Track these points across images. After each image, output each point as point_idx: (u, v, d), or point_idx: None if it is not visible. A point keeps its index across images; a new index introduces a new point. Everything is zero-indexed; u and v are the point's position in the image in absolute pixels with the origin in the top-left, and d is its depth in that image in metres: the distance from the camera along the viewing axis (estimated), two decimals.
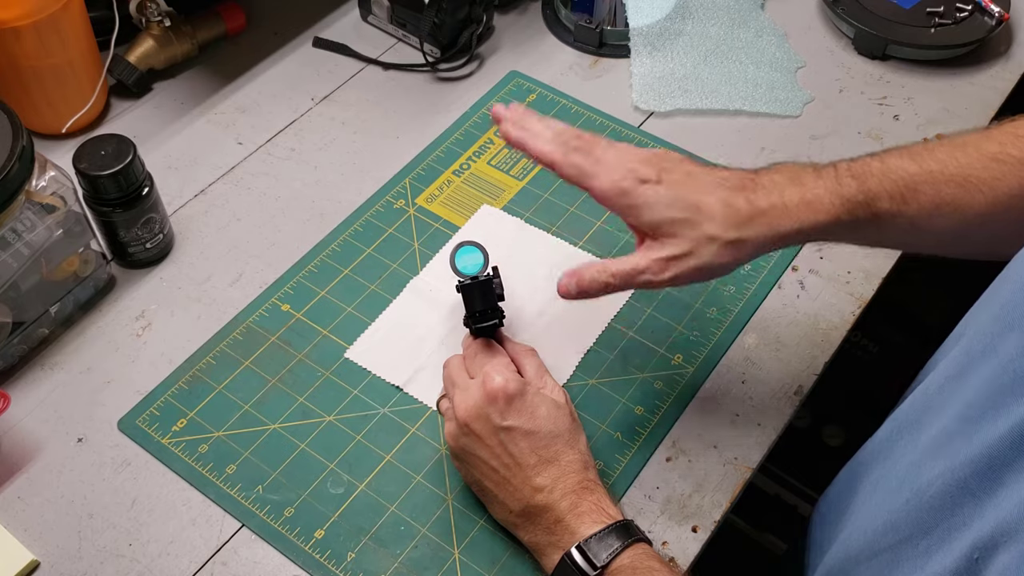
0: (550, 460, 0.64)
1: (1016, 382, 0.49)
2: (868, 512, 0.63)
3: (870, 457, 0.67)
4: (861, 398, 1.30)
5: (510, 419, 0.64)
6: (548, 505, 0.64)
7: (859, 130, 0.96)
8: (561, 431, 0.65)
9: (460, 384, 0.68)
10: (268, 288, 0.83)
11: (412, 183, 0.91)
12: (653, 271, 0.63)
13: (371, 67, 1.02)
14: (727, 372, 0.78)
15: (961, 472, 0.51)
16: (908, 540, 0.56)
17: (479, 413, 0.65)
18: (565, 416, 0.66)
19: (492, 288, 0.71)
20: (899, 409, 0.65)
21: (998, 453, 0.49)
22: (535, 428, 0.65)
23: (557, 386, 0.69)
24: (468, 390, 0.66)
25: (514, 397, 0.64)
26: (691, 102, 0.97)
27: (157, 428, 0.74)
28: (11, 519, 0.70)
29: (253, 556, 0.69)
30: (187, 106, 0.98)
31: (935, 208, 0.64)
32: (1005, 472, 0.48)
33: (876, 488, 0.64)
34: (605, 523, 0.62)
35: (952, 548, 0.51)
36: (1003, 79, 1.00)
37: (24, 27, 0.83)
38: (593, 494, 0.64)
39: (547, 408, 0.66)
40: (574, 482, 0.64)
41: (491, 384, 0.64)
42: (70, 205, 0.76)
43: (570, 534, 0.63)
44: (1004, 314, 0.53)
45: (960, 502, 0.51)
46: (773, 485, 1.31)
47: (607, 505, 0.64)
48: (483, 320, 0.70)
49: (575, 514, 0.63)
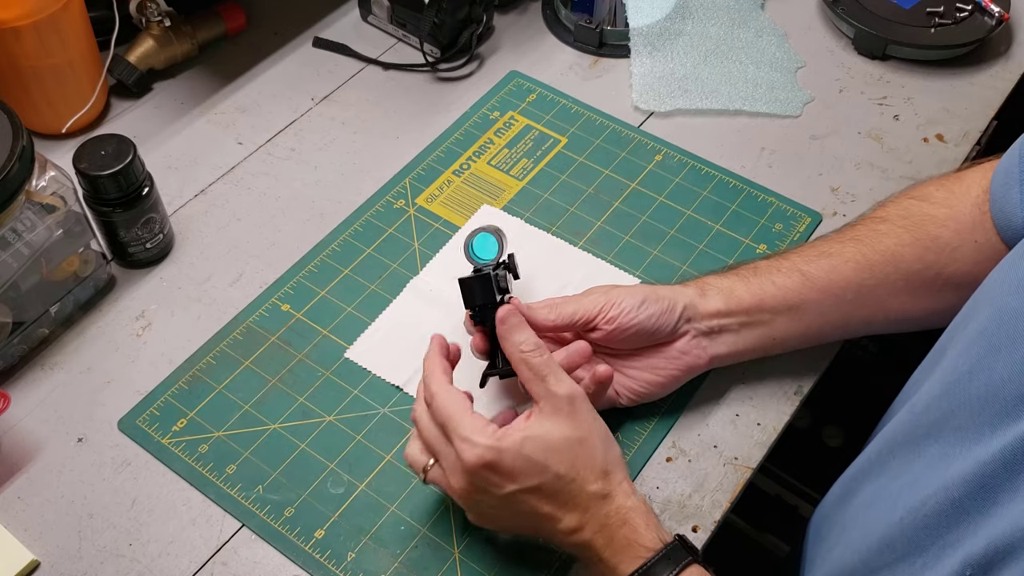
0: (567, 502, 0.61)
1: (1006, 404, 0.50)
2: (862, 529, 0.63)
3: (862, 474, 0.68)
4: (861, 398, 1.30)
5: (508, 486, 0.60)
6: (585, 544, 0.61)
7: (859, 130, 0.96)
8: (565, 469, 0.61)
9: (444, 457, 0.62)
10: (268, 288, 0.83)
11: (412, 183, 0.91)
12: (597, 305, 0.69)
13: (371, 67, 1.02)
14: (727, 372, 0.78)
15: (955, 492, 0.52)
16: (904, 559, 0.56)
17: (475, 487, 0.61)
18: (565, 446, 0.61)
19: (491, 281, 0.68)
20: (888, 427, 0.65)
21: (991, 473, 0.49)
22: (537, 483, 0.60)
23: (563, 389, 0.62)
24: (453, 466, 0.62)
25: (496, 466, 0.60)
26: (691, 102, 0.97)
27: (157, 428, 0.74)
28: (11, 519, 0.70)
29: (253, 556, 0.69)
30: (187, 106, 0.98)
31: (836, 309, 0.72)
32: (998, 492, 0.49)
33: (870, 506, 0.64)
34: (644, 558, 0.60)
35: (944, 566, 0.51)
36: (1003, 79, 1.00)
37: (24, 27, 0.83)
38: (624, 526, 0.61)
39: (541, 453, 0.60)
40: (600, 517, 0.61)
41: (468, 463, 0.60)
42: (70, 205, 0.76)
43: (612, 572, 0.61)
44: (988, 336, 0.53)
45: (955, 521, 0.52)
46: (773, 485, 1.31)
47: (641, 535, 0.60)
48: (483, 315, 0.68)
49: (611, 551, 0.61)
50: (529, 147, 0.94)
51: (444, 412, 0.62)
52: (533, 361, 0.63)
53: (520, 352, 0.63)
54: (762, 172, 0.92)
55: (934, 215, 0.71)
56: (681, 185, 0.90)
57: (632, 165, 0.92)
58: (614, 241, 0.86)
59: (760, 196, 0.90)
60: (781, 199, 0.89)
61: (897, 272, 0.70)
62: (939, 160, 0.93)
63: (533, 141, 0.94)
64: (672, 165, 0.92)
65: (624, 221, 0.88)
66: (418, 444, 0.65)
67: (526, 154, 0.93)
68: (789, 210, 0.88)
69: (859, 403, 1.30)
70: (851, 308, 0.72)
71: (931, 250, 0.70)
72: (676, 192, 0.90)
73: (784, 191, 0.90)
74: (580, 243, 0.86)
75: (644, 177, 0.91)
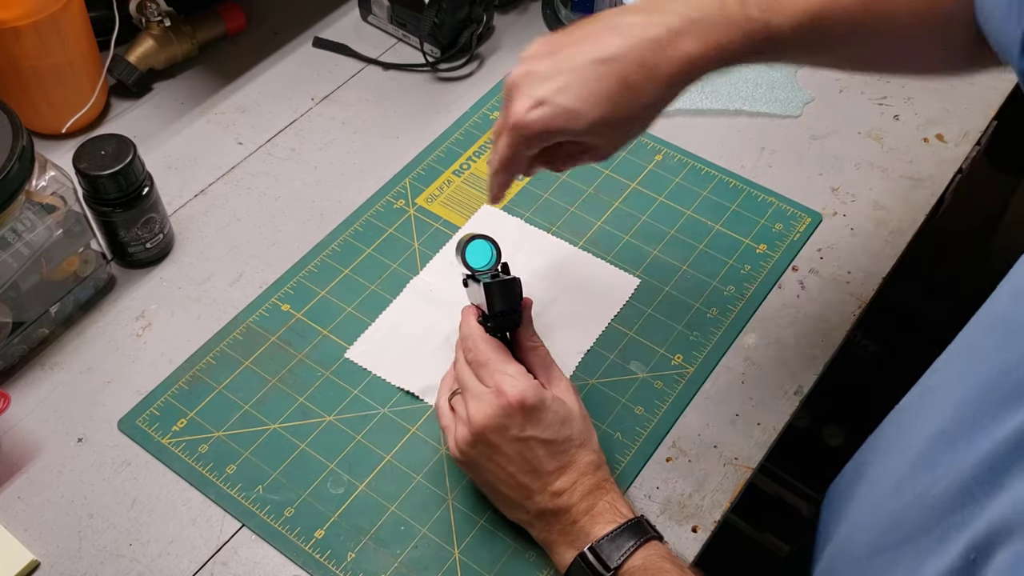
0: (568, 464, 0.64)
1: (1018, 388, 0.50)
2: (870, 509, 0.63)
3: (872, 453, 0.68)
4: (861, 398, 1.30)
5: (529, 430, 0.63)
6: (566, 508, 0.64)
7: (859, 130, 0.96)
8: (576, 433, 0.65)
9: (473, 391, 0.65)
10: (268, 288, 0.83)
11: (412, 183, 0.91)
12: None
13: (371, 67, 1.02)
14: (727, 372, 0.78)
15: (963, 474, 0.52)
16: (910, 539, 0.56)
17: (497, 424, 0.63)
18: (579, 417, 0.66)
19: (515, 288, 0.68)
20: (901, 405, 0.65)
21: (999, 456, 0.49)
22: (553, 436, 0.64)
23: (564, 378, 0.68)
24: (481, 399, 0.64)
25: (533, 409, 0.63)
26: (691, 102, 0.97)
27: (157, 428, 0.74)
28: (11, 519, 0.70)
29: (253, 556, 0.69)
30: (187, 106, 0.98)
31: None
32: (1005, 475, 0.49)
33: (878, 485, 0.64)
34: (618, 522, 0.63)
35: (949, 549, 0.51)
36: (1003, 79, 1.00)
37: (24, 27, 0.83)
38: (608, 493, 0.65)
39: (564, 413, 0.65)
40: (591, 484, 0.64)
41: (509, 396, 0.63)
42: (70, 205, 0.76)
43: (584, 535, 0.63)
44: (1006, 320, 0.53)
45: (961, 503, 0.52)
46: (773, 485, 1.31)
47: (620, 504, 0.64)
48: (504, 320, 0.68)
49: (591, 516, 0.63)
50: None
51: (485, 355, 0.66)
52: (541, 351, 0.69)
53: (531, 342, 0.69)
54: (762, 172, 0.92)
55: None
56: (681, 185, 0.90)
57: (632, 165, 0.92)
58: (614, 241, 0.86)
59: (760, 196, 0.90)
60: (781, 199, 0.89)
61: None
62: (939, 160, 0.93)
63: None
64: (672, 165, 0.92)
65: (624, 221, 0.88)
66: (447, 383, 0.70)
67: None
68: (789, 210, 0.88)
69: (859, 403, 1.30)
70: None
71: None
72: (676, 192, 0.90)
73: (784, 191, 0.90)
74: (580, 243, 0.86)
75: (644, 177, 0.91)
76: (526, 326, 0.69)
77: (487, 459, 0.65)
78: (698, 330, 0.80)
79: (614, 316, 0.81)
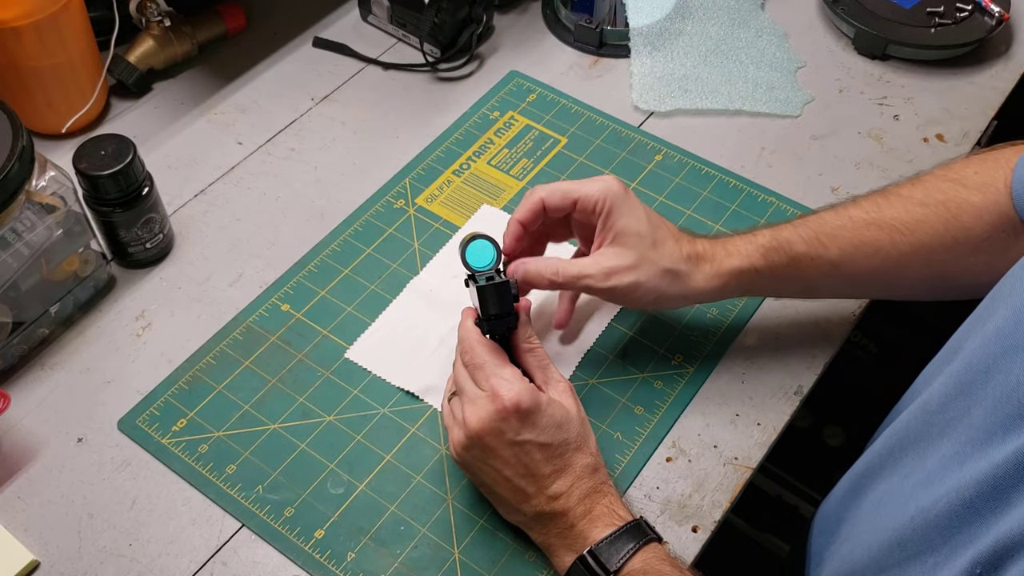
0: (564, 468, 0.64)
1: (1022, 406, 0.50)
2: (872, 527, 0.63)
3: (872, 471, 0.68)
4: (861, 398, 1.30)
5: (524, 434, 0.63)
6: (563, 511, 0.64)
7: (859, 130, 0.96)
8: (573, 436, 0.65)
9: (469, 395, 0.65)
10: (268, 288, 0.83)
11: (412, 183, 0.91)
12: (596, 278, 0.69)
13: (371, 67, 1.02)
14: (727, 372, 0.78)
15: (968, 492, 0.52)
16: (916, 557, 0.56)
17: (491, 428, 0.63)
18: (576, 419, 0.66)
19: (509, 290, 0.68)
20: (898, 422, 0.65)
21: (1004, 474, 0.50)
22: (549, 440, 0.64)
23: (562, 379, 0.68)
24: (476, 403, 0.64)
25: (528, 413, 0.63)
26: (691, 102, 0.97)
27: (157, 428, 0.74)
28: (11, 519, 0.70)
29: (253, 556, 0.69)
30: (187, 106, 0.98)
31: (854, 249, 0.70)
32: (1011, 493, 0.49)
33: (880, 503, 0.64)
34: (617, 525, 0.63)
35: (955, 565, 0.51)
36: (1003, 79, 1.00)
37: (24, 27, 0.83)
38: (605, 496, 0.64)
39: (560, 416, 0.65)
40: (588, 487, 0.64)
41: (505, 399, 0.63)
42: (70, 205, 0.76)
43: (583, 539, 0.63)
44: (1004, 336, 0.53)
45: (966, 521, 0.52)
46: (774, 485, 1.31)
47: (618, 507, 0.64)
48: (498, 323, 0.68)
49: (589, 519, 0.63)
50: (529, 147, 0.94)
51: (481, 357, 0.66)
52: (539, 352, 0.68)
53: (528, 344, 0.69)
54: (762, 172, 0.92)
55: (971, 201, 0.69)
56: (681, 185, 0.90)
57: (632, 165, 0.92)
58: None
59: (760, 196, 0.90)
60: (781, 199, 0.89)
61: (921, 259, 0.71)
62: (939, 160, 0.92)
63: (533, 141, 0.94)
64: (672, 165, 0.92)
65: None
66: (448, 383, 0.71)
67: (526, 154, 0.93)
68: (789, 210, 0.88)
69: (859, 403, 1.30)
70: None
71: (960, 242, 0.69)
72: (676, 192, 0.90)
73: (784, 191, 0.90)
74: None
75: (644, 177, 0.91)
76: (524, 327, 0.69)
77: (483, 462, 0.65)
78: (698, 330, 0.80)
79: (614, 316, 0.81)
